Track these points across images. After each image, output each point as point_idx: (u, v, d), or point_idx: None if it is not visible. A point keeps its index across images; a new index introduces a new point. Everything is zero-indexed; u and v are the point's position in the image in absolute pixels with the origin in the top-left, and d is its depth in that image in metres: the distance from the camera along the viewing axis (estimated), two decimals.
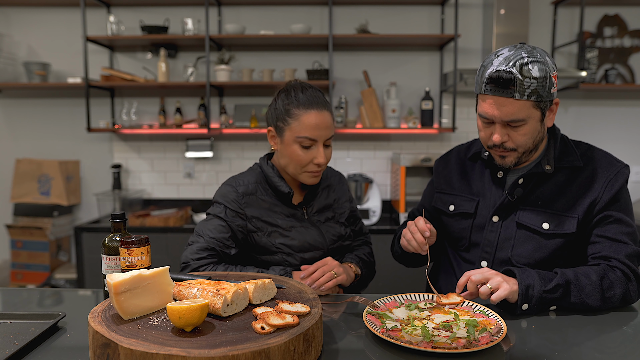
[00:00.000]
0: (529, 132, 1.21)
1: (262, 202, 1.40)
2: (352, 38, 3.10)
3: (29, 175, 3.32)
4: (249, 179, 1.43)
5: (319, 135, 1.32)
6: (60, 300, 1.30)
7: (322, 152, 1.34)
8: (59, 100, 3.45)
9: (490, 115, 1.20)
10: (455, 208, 1.40)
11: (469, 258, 1.37)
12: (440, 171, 1.51)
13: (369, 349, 0.95)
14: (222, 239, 1.36)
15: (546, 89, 1.17)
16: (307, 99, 1.33)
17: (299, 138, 1.32)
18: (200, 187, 3.49)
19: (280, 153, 1.40)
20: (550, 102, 1.21)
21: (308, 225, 1.43)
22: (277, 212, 1.40)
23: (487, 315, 1.05)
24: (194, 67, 3.24)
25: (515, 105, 1.16)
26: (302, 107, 1.32)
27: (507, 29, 3.07)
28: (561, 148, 1.31)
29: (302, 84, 1.37)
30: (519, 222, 1.28)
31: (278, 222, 1.39)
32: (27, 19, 3.38)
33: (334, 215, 1.50)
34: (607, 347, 0.97)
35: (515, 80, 1.14)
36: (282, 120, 1.34)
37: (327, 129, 1.34)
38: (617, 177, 1.24)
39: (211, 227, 1.37)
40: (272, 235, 1.38)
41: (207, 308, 0.86)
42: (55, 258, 3.33)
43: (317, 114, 1.32)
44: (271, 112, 1.39)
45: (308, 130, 1.31)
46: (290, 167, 1.38)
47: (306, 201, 1.46)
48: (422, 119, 3.25)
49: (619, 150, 3.37)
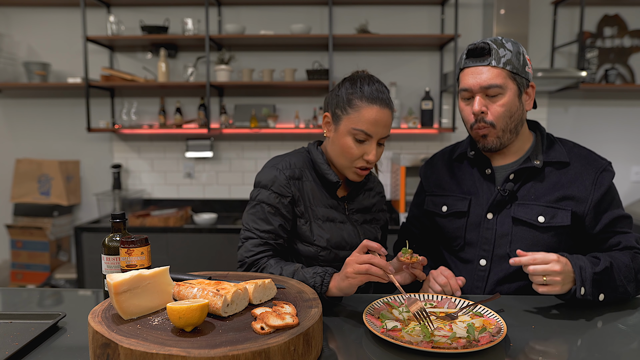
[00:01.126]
0: (506, 104, 1.25)
1: (307, 186, 1.35)
2: (352, 38, 3.10)
3: (29, 175, 3.32)
4: (296, 162, 1.36)
5: (375, 132, 1.27)
6: (60, 300, 1.30)
7: (375, 149, 1.28)
8: (59, 100, 3.46)
9: (469, 85, 1.26)
10: (448, 208, 1.41)
11: (465, 257, 1.37)
12: (428, 175, 1.52)
13: (369, 349, 0.95)
14: (273, 229, 1.31)
15: (520, 62, 1.25)
16: (372, 92, 1.27)
17: (355, 130, 1.27)
18: (200, 187, 3.49)
19: (331, 141, 1.34)
20: (526, 81, 1.28)
21: (347, 222, 1.38)
22: (320, 201, 1.35)
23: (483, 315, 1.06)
24: (194, 67, 3.24)
25: (492, 72, 1.23)
26: (366, 100, 1.26)
27: (507, 29, 3.07)
28: (548, 144, 1.35)
29: (370, 76, 1.31)
30: (514, 217, 1.30)
31: (319, 212, 1.34)
32: (27, 19, 3.38)
33: (372, 219, 1.46)
34: (607, 347, 0.97)
35: (490, 49, 1.23)
36: (342, 109, 1.29)
37: (384, 127, 1.28)
38: (604, 174, 1.29)
39: (259, 218, 1.32)
40: (312, 224, 1.34)
41: (207, 308, 0.86)
42: (55, 258, 3.33)
43: (379, 110, 1.26)
44: (332, 98, 1.33)
45: (366, 124, 1.26)
46: (339, 159, 1.32)
47: (350, 197, 1.41)
48: (422, 119, 3.25)
49: (619, 150, 3.38)
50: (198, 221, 3.10)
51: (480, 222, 1.34)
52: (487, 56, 1.23)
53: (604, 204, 1.28)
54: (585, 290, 1.13)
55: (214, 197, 3.50)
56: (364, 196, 1.45)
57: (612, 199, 1.29)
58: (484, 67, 1.24)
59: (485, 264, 1.33)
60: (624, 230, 1.29)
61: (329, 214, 1.35)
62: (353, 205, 1.41)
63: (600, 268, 1.15)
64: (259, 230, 1.31)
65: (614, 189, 1.32)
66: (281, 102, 3.38)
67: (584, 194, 1.27)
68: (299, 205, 1.33)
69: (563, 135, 1.53)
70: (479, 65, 1.24)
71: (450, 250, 1.42)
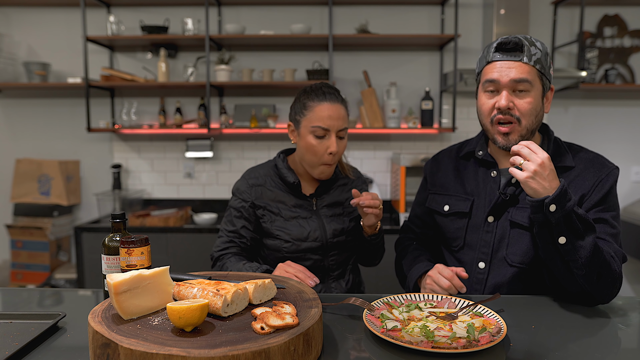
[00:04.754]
0: (533, 103, 1.23)
1: (269, 192, 1.51)
2: (352, 38, 3.10)
3: (29, 175, 3.32)
4: (260, 172, 1.55)
5: (331, 125, 1.41)
6: (60, 300, 1.30)
7: (335, 141, 1.42)
8: (59, 100, 3.45)
9: (498, 78, 1.23)
10: (450, 208, 1.40)
11: (463, 259, 1.37)
12: (434, 172, 1.51)
13: (369, 349, 0.95)
14: (236, 230, 1.50)
15: (548, 63, 1.25)
16: (322, 92, 1.44)
17: (313, 128, 1.41)
18: (200, 187, 3.49)
19: (298, 146, 1.49)
20: (549, 82, 1.26)
21: (312, 217, 1.51)
22: (283, 203, 1.50)
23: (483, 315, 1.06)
24: (194, 67, 3.24)
25: (523, 67, 1.22)
26: (317, 99, 1.43)
27: (507, 29, 3.07)
28: (554, 148, 1.32)
29: (322, 83, 1.48)
30: (512, 221, 1.29)
31: (282, 212, 1.49)
32: (27, 19, 3.38)
33: (343, 212, 1.55)
34: (607, 347, 0.97)
35: (523, 45, 1.22)
36: (300, 114, 1.45)
37: (339, 120, 1.42)
38: (608, 178, 1.25)
39: (228, 220, 1.52)
40: (275, 224, 1.48)
41: (207, 308, 0.86)
42: (55, 258, 3.33)
43: (330, 105, 1.42)
44: (292, 110, 1.50)
45: (321, 120, 1.40)
46: (306, 159, 1.46)
47: (317, 193, 1.54)
48: (422, 119, 3.25)
49: (619, 150, 3.38)
50: (198, 221, 3.10)
51: (481, 225, 1.33)
52: (519, 52, 1.22)
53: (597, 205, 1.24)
54: (556, 209, 1.07)
55: (214, 197, 3.50)
56: (336, 191, 1.57)
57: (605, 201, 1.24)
58: (515, 62, 1.22)
59: (484, 267, 1.33)
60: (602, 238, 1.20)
61: (293, 214, 1.49)
62: (323, 201, 1.54)
63: (584, 215, 1.11)
64: (227, 231, 1.51)
65: (614, 196, 1.27)
66: (281, 102, 3.38)
67: (583, 194, 1.24)
68: (259, 208, 1.50)
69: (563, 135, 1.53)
70: (510, 60, 1.23)
71: (450, 250, 1.42)
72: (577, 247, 1.11)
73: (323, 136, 1.41)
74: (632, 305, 1.21)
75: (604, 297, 1.17)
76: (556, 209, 1.08)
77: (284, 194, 1.51)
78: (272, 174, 1.54)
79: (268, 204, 1.50)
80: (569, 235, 1.10)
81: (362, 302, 1.10)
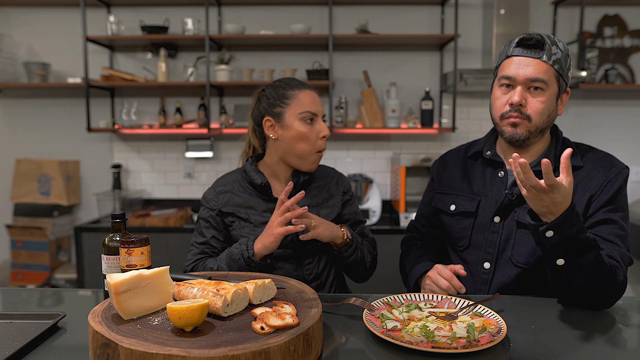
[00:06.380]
0: (546, 102, 1.23)
1: (237, 197, 1.45)
2: (352, 38, 3.10)
3: (29, 175, 3.32)
4: (229, 178, 1.51)
5: (317, 110, 1.42)
6: (60, 300, 1.30)
7: (325, 125, 1.43)
8: (59, 100, 3.45)
9: (513, 74, 1.23)
10: (456, 207, 1.40)
11: (468, 259, 1.37)
12: (441, 171, 1.50)
13: (369, 349, 0.95)
14: (206, 241, 1.45)
15: (567, 65, 1.24)
16: (297, 82, 1.44)
17: (302, 114, 1.39)
18: (200, 187, 3.49)
19: (281, 139, 1.42)
20: (565, 85, 1.25)
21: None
22: (252, 208, 1.44)
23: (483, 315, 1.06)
24: (194, 67, 3.24)
25: (541, 66, 1.21)
26: (297, 88, 1.42)
27: (507, 29, 3.07)
28: (563, 148, 1.30)
29: (288, 77, 1.48)
30: (518, 221, 1.28)
31: (251, 218, 1.43)
32: (27, 19, 3.38)
33: (317, 213, 1.45)
34: (607, 347, 0.97)
35: (544, 43, 1.21)
36: (280, 105, 1.41)
37: (321, 105, 1.45)
38: (617, 177, 1.24)
39: (198, 232, 1.48)
40: (243, 229, 1.43)
41: (207, 308, 0.86)
42: (55, 258, 3.33)
43: (310, 92, 1.44)
44: (262, 106, 1.45)
45: (308, 105, 1.40)
46: (297, 150, 1.41)
47: (291, 196, 1.39)
48: (422, 119, 3.25)
49: (619, 150, 3.38)
50: None
51: (487, 225, 1.33)
52: (540, 50, 1.21)
53: (606, 205, 1.22)
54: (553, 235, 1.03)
55: None
56: (312, 193, 1.49)
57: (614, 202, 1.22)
58: (534, 60, 1.21)
59: (489, 268, 1.32)
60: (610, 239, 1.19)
61: (263, 219, 1.42)
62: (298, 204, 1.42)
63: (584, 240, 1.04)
64: (197, 243, 1.46)
65: (623, 197, 1.24)
66: None
67: (592, 194, 1.23)
68: (227, 216, 1.44)
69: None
70: (529, 56, 1.21)
71: (455, 250, 1.42)
72: (577, 267, 1.08)
73: (312, 120, 1.41)
74: (632, 305, 1.21)
75: (605, 302, 1.16)
76: (553, 235, 1.04)
77: (254, 198, 1.45)
78: (240, 179, 1.48)
79: (237, 210, 1.43)
80: (567, 257, 1.07)
81: (362, 302, 1.10)
